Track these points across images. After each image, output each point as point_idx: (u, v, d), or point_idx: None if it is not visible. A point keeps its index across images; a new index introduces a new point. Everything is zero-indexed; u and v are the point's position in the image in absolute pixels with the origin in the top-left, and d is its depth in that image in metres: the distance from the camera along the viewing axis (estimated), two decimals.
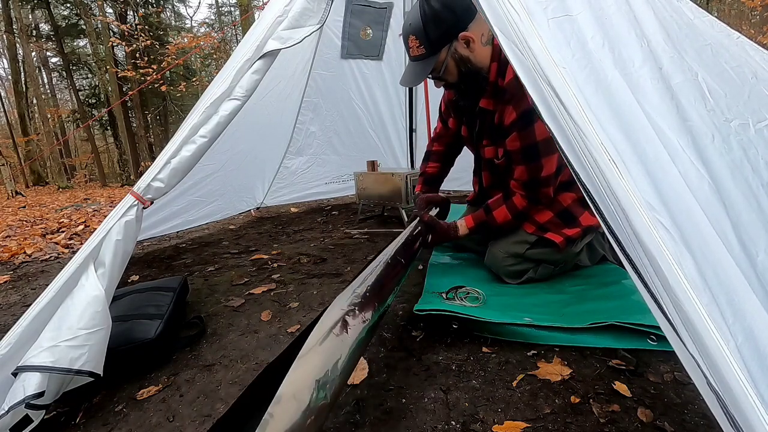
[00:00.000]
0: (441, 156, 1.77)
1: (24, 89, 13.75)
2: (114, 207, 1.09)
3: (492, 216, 1.44)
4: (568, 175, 1.35)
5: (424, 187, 1.77)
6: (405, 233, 1.36)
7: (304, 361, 0.69)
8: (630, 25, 0.76)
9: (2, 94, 16.94)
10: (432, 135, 1.84)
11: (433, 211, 1.64)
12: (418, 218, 1.49)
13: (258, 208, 3.19)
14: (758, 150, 0.64)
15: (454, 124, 1.65)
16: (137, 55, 10.04)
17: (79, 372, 0.86)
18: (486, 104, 1.38)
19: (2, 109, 16.73)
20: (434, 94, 2.95)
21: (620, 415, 0.79)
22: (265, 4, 1.47)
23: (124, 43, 9.94)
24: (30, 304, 0.91)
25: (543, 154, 1.28)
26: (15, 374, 0.82)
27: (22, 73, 13.51)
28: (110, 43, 10.65)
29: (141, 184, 1.08)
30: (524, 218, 1.43)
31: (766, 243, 0.54)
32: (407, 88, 3.33)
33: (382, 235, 2.36)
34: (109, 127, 14.93)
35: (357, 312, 0.83)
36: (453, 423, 0.80)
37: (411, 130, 3.43)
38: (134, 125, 13.44)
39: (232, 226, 2.91)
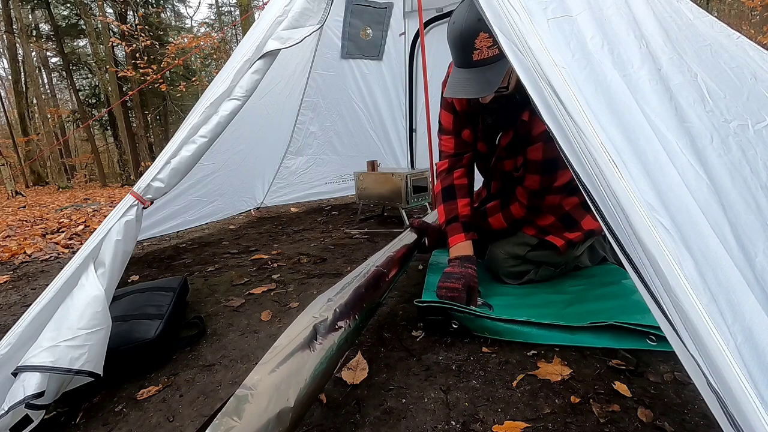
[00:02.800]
0: (467, 188, 1.48)
1: (24, 89, 13.74)
2: (114, 207, 1.09)
3: (488, 222, 1.45)
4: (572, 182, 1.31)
5: (467, 234, 1.37)
6: (394, 244, 1.36)
7: (266, 367, 0.69)
8: (629, 26, 0.76)
9: (2, 94, 16.93)
10: (442, 158, 1.53)
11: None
12: (410, 228, 1.49)
13: (258, 208, 3.19)
14: (757, 151, 0.64)
15: (471, 137, 1.45)
16: (137, 55, 10.02)
17: (79, 372, 0.86)
18: (527, 117, 1.27)
19: (2, 109, 16.71)
20: (435, 93, 2.94)
21: (620, 415, 0.79)
22: (265, 4, 1.46)
23: (124, 43, 9.93)
24: (30, 304, 0.91)
25: (562, 166, 1.25)
26: (15, 374, 0.82)
27: (22, 73, 13.50)
28: (110, 43, 10.64)
29: (141, 184, 1.08)
30: (521, 225, 1.42)
31: (764, 244, 0.54)
32: (407, 88, 3.32)
33: (382, 235, 2.36)
34: (109, 127, 14.92)
35: (329, 321, 0.83)
36: (453, 423, 0.80)
37: (411, 130, 3.44)
38: (134, 125, 13.44)
39: (232, 226, 2.91)
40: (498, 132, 1.38)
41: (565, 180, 1.29)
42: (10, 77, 14.28)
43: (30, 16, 13.40)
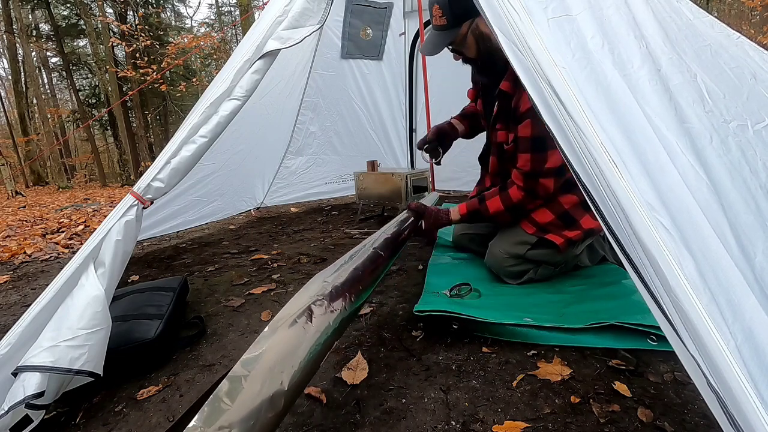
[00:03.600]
0: (457, 121, 1.77)
1: (24, 89, 13.74)
2: (114, 207, 1.09)
3: (485, 205, 1.44)
4: (570, 178, 1.32)
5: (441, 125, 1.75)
6: (390, 225, 1.36)
7: (259, 347, 0.67)
8: (629, 26, 0.76)
9: (2, 94, 16.93)
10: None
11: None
12: (407, 210, 1.51)
13: (258, 208, 3.19)
14: (756, 151, 0.64)
15: (473, 95, 1.69)
16: (137, 55, 10.02)
17: (79, 372, 0.86)
18: (506, 87, 1.35)
19: (2, 109, 16.71)
20: (435, 93, 2.95)
21: (620, 415, 0.79)
22: (265, 4, 1.47)
23: (124, 43, 9.92)
24: (30, 304, 0.91)
25: (550, 146, 1.27)
26: (15, 374, 0.82)
27: (22, 73, 13.50)
28: (110, 43, 10.64)
29: (141, 184, 1.08)
30: (519, 213, 1.41)
31: (764, 244, 0.54)
32: (407, 88, 3.34)
33: None
34: (109, 127, 14.93)
35: (326, 302, 0.81)
36: (453, 423, 0.80)
37: (411, 130, 3.44)
38: (134, 125, 13.44)
39: (232, 226, 2.91)
40: (493, 99, 1.46)
41: (556, 162, 1.29)
42: (10, 77, 14.29)
43: (30, 16, 13.40)
